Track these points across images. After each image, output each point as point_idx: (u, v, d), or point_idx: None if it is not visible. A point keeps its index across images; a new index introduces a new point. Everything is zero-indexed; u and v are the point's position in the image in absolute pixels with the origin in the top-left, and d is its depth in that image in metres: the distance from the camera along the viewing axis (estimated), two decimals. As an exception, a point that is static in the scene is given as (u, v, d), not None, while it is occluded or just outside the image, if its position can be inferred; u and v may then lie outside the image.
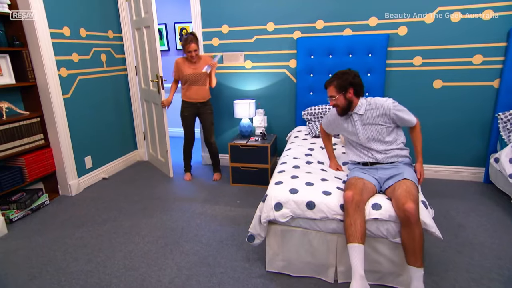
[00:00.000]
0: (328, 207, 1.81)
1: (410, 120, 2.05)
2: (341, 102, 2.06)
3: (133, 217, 2.80)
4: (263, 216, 1.90)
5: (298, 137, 3.17)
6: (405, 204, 1.65)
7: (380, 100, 2.04)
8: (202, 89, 3.33)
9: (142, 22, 3.55)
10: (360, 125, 2.09)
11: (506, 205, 2.79)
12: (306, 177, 2.11)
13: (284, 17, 3.43)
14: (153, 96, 3.68)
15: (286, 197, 1.89)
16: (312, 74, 3.43)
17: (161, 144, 3.80)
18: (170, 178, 3.66)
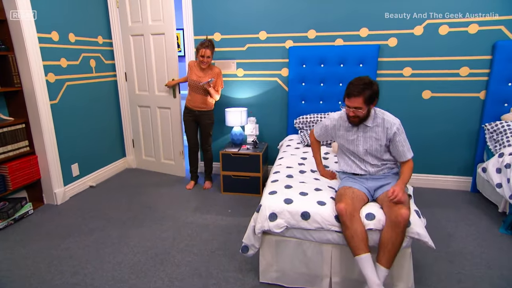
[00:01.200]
0: (322, 217, 1.81)
1: (403, 152, 1.93)
2: (364, 114, 1.91)
3: (121, 226, 2.73)
4: (257, 227, 1.88)
5: (290, 146, 3.17)
6: (401, 209, 1.67)
7: (390, 117, 1.95)
8: (204, 98, 3.28)
9: (147, 29, 3.66)
10: (362, 136, 2.00)
11: (493, 214, 2.85)
12: (300, 186, 2.11)
13: (276, 26, 3.46)
14: (158, 101, 3.85)
15: (280, 207, 1.88)
16: (304, 83, 3.45)
17: (167, 147, 3.96)
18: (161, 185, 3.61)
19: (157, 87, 3.83)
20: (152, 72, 3.80)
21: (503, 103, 3.09)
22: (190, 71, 3.27)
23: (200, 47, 3.11)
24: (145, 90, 3.90)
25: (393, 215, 1.68)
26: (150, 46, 3.71)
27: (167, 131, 3.90)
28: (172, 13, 3.50)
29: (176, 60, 3.62)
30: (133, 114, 4.07)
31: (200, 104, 3.29)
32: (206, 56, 3.11)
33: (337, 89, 3.37)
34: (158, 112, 3.89)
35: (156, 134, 3.99)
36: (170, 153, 3.97)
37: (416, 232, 1.70)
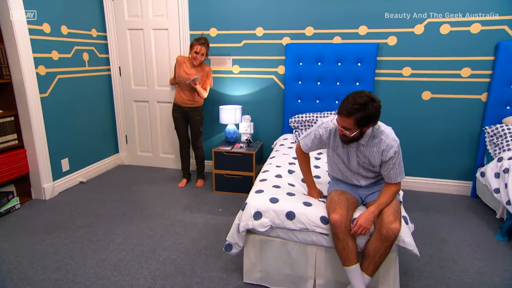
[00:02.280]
0: (308, 218, 1.83)
1: (393, 175, 1.82)
2: (354, 135, 1.74)
3: (109, 223, 2.77)
4: (241, 225, 1.91)
5: (284, 145, 3.20)
6: (392, 223, 1.67)
7: (388, 138, 1.78)
8: (192, 95, 3.32)
9: (148, 24, 3.78)
10: (355, 152, 1.88)
11: (491, 220, 2.85)
12: (287, 187, 2.13)
13: (273, 22, 3.49)
14: (157, 95, 3.99)
15: (266, 206, 1.90)
16: (301, 81, 3.47)
17: (166, 141, 4.12)
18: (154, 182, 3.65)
19: (157, 82, 3.95)
20: (152, 68, 3.90)
21: (505, 105, 3.09)
22: (179, 67, 3.28)
23: (195, 43, 3.12)
24: (143, 85, 3.98)
25: (383, 228, 1.68)
26: (150, 41, 3.82)
27: (167, 125, 4.03)
28: (176, 9, 3.63)
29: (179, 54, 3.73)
30: (128, 110, 4.13)
31: (188, 100, 3.32)
32: (201, 53, 3.13)
33: (334, 88, 3.39)
34: (158, 106, 4.00)
35: (154, 128, 4.10)
36: (169, 147, 4.11)
37: (402, 239, 1.71)
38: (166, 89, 3.92)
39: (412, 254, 2.28)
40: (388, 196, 1.82)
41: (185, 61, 3.28)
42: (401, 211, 1.82)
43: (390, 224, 1.68)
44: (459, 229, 2.71)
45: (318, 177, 2.39)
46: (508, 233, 2.56)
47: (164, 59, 3.84)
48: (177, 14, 3.65)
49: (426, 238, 2.56)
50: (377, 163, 1.84)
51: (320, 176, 2.41)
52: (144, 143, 4.21)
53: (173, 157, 4.13)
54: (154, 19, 3.74)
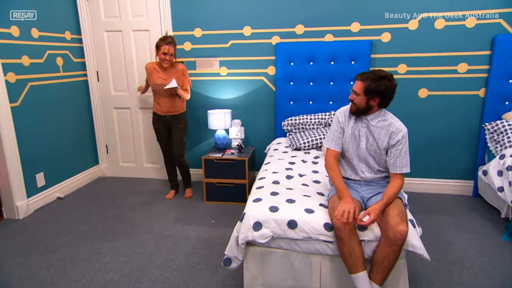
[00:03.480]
0: (311, 226, 1.83)
1: (399, 163, 1.91)
2: (359, 103, 1.93)
3: (93, 241, 2.70)
4: (240, 237, 1.89)
5: (278, 150, 3.20)
6: (399, 225, 1.69)
7: (398, 123, 1.95)
8: (172, 101, 3.24)
9: (127, 25, 3.74)
10: (364, 133, 1.99)
11: (496, 220, 2.91)
12: (286, 193, 2.13)
13: (262, 21, 3.50)
14: (139, 101, 3.95)
15: (265, 216, 1.89)
16: (292, 82, 3.49)
17: (151, 150, 4.07)
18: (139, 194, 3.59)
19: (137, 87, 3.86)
20: (133, 72, 3.86)
21: (503, 101, 3.18)
22: (151, 75, 3.18)
23: (161, 43, 3.01)
24: (124, 90, 3.94)
25: (390, 231, 1.70)
26: (130, 43, 3.78)
27: (151, 133, 3.94)
28: (158, 9, 3.60)
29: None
30: (107, 117, 4.07)
31: (170, 108, 3.24)
32: (169, 54, 3.04)
33: (327, 88, 3.43)
34: (140, 113, 3.95)
35: (137, 137, 4.05)
36: (154, 156, 4.06)
37: (410, 243, 1.73)
38: (149, 95, 3.86)
39: (421, 259, 2.31)
40: (393, 192, 1.87)
41: (155, 67, 3.19)
42: (406, 213, 1.85)
43: (396, 226, 1.69)
44: (464, 230, 2.76)
45: (317, 182, 2.40)
46: (514, 232, 2.63)
47: (145, 63, 3.77)
48: (159, 14, 3.63)
49: (431, 241, 2.59)
50: (384, 146, 1.95)
51: (320, 181, 2.41)
52: (126, 153, 4.15)
53: (159, 166, 4.08)
54: (134, 20, 3.71)
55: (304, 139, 3.18)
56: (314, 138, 3.17)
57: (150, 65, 3.22)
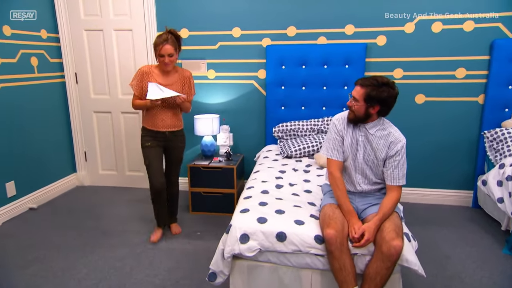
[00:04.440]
0: (301, 238, 1.84)
1: (397, 175, 1.94)
2: (358, 111, 1.93)
3: (68, 256, 2.67)
4: (226, 250, 1.89)
5: (268, 158, 3.21)
6: (393, 241, 1.70)
7: (397, 133, 1.99)
8: (175, 114, 2.79)
9: (108, 24, 3.74)
10: (362, 142, 2.01)
11: (496, 233, 2.96)
12: (276, 203, 2.14)
13: (252, 22, 3.54)
14: (122, 105, 3.92)
15: (253, 228, 1.90)
16: (284, 86, 3.53)
17: (134, 157, 4.03)
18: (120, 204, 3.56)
19: (121, 90, 3.90)
20: (114, 73, 3.86)
21: (503, 108, 3.25)
22: (147, 81, 2.67)
23: (158, 43, 2.55)
24: (104, 93, 3.93)
25: (384, 246, 1.71)
26: (112, 43, 3.79)
27: (134, 139, 3.94)
28: (141, 7, 3.62)
29: (145, 59, 3.74)
30: (86, 122, 4.05)
31: (174, 121, 2.79)
32: (168, 54, 2.57)
33: (320, 93, 3.47)
34: (122, 118, 3.94)
35: (119, 143, 4.04)
36: (137, 164, 4.02)
37: (405, 258, 1.75)
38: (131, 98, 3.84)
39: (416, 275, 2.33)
40: (390, 207, 1.88)
41: (154, 70, 2.70)
42: (402, 227, 1.87)
43: (391, 241, 1.71)
44: (463, 243, 2.79)
45: (309, 191, 2.42)
46: (514, 246, 2.66)
47: (128, 64, 3.81)
48: (143, 13, 3.64)
49: (428, 255, 2.62)
50: (382, 157, 1.97)
51: (311, 191, 2.43)
52: (106, 160, 4.12)
53: (142, 174, 4.06)
54: (116, 19, 3.71)
55: (295, 147, 3.20)
56: (306, 145, 3.20)
57: (147, 68, 2.70)
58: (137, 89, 2.71)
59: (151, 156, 2.78)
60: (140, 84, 2.69)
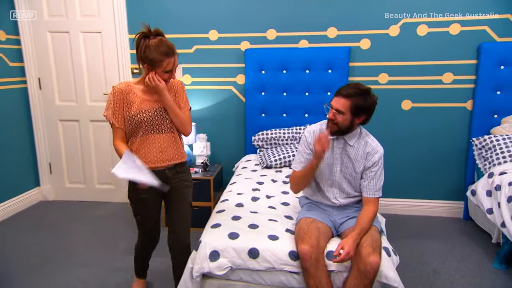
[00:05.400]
0: (274, 255, 1.84)
1: (373, 186, 1.97)
2: (343, 123, 1.91)
3: (26, 277, 2.61)
4: (195, 269, 1.88)
5: (247, 168, 3.21)
6: (370, 256, 1.72)
7: (374, 142, 2.01)
8: (174, 139, 2.11)
9: (75, 25, 3.71)
10: (340, 154, 2.03)
11: (487, 246, 2.99)
12: (250, 217, 2.14)
13: (229, 24, 3.55)
14: (90, 113, 3.88)
15: (223, 244, 1.89)
16: (264, 92, 3.54)
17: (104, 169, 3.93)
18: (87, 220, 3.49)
19: (89, 96, 3.88)
20: (82, 79, 3.83)
21: (492, 114, 3.32)
22: (128, 104, 2.01)
23: (161, 57, 1.90)
24: (71, 100, 3.90)
25: (361, 263, 1.73)
26: (79, 46, 3.77)
27: (104, 150, 3.94)
28: (111, 8, 3.61)
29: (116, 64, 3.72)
30: (51, 131, 4.00)
31: (175, 150, 2.11)
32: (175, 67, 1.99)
33: (302, 99, 3.49)
34: (91, 126, 3.91)
35: (87, 154, 4.00)
36: (108, 176, 3.96)
37: (384, 275, 1.76)
38: (101, 105, 3.83)
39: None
40: (368, 221, 1.89)
41: (134, 87, 2.04)
42: (381, 241, 1.87)
43: (367, 257, 1.72)
44: (452, 258, 2.81)
45: (286, 204, 2.42)
46: (505, 260, 2.69)
47: (97, 68, 3.78)
48: (112, 14, 3.62)
49: (414, 270, 2.63)
50: (360, 170, 2.00)
51: (289, 203, 2.43)
52: (74, 173, 4.06)
53: (113, 188, 4.01)
54: (84, 20, 3.69)
55: (275, 156, 3.21)
56: (287, 154, 3.20)
57: (124, 86, 2.02)
58: (118, 119, 2.00)
59: (145, 205, 2.14)
60: (120, 110, 2.00)
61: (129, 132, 2.04)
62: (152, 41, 1.92)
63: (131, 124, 2.01)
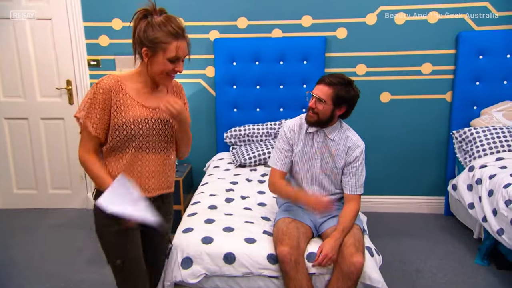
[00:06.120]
0: (252, 259, 1.86)
1: (355, 183, 2.02)
2: (323, 113, 1.95)
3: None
4: (167, 278, 1.89)
5: (219, 167, 3.22)
6: (353, 257, 1.77)
7: (355, 137, 2.08)
8: (168, 164, 1.78)
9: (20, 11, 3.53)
10: (320, 149, 2.07)
11: (469, 242, 3.13)
12: (224, 220, 2.15)
13: (197, 12, 3.53)
14: (41, 109, 3.77)
15: (197, 250, 1.90)
16: (235, 85, 3.55)
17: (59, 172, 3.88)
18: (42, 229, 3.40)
19: (39, 91, 3.76)
20: (30, 72, 3.70)
21: (472, 105, 3.47)
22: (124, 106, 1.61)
23: (168, 37, 1.57)
24: (18, 95, 3.77)
25: (344, 264, 1.77)
26: (26, 35, 3.63)
27: (58, 151, 3.84)
28: None
29: (70, 55, 3.63)
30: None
31: (167, 177, 1.80)
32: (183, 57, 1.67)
33: (277, 93, 3.53)
34: (42, 125, 3.81)
35: (38, 155, 3.88)
36: (64, 180, 3.92)
37: (368, 276, 1.82)
38: (53, 100, 3.72)
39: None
40: (350, 219, 1.94)
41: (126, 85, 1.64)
42: (363, 241, 1.93)
43: (351, 257, 1.76)
44: (434, 256, 2.93)
45: (263, 204, 2.45)
46: (487, 255, 2.82)
47: (48, 60, 3.66)
48: (64, 0, 3.50)
49: (397, 270, 2.72)
50: (341, 165, 2.05)
51: (265, 203, 2.46)
52: (23, 177, 3.93)
53: (69, 192, 3.92)
54: (30, 5, 3.54)
55: (249, 154, 3.22)
56: (262, 152, 3.23)
57: (113, 82, 1.61)
58: (97, 126, 1.59)
59: (126, 250, 1.70)
60: (103, 114, 1.59)
61: (114, 145, 1.63)
62: (157, 19, 1.60)
63: (119, 135, 1.60)
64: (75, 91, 3.72)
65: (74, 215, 3.77)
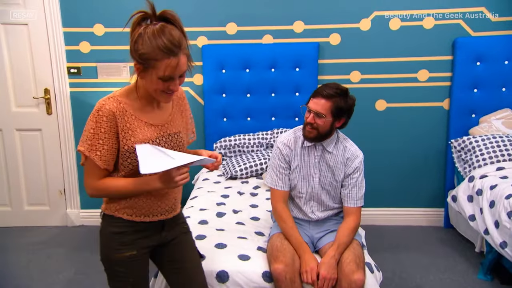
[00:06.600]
0: (246, 277, 1.83)
1: (355, 195, 2.01)
2: (323, 127, 1.93)
3: None
4: (155, 299, 1.85)
5: (209, 180, 3.20)
6: (354, 274, 1.76)
7: (353, 147, 2.07)
8: None
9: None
10: (318, 162, 2.05)
11: (470, 255, 3.14)
12: (216, 236, 2.13)
13: (184, 17, 3.37)
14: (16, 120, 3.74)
15: (187, 268, 1.86)
16: (225, 93, 3.56)
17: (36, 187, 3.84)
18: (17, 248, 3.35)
19: (14, 101, 3.71)
20: (5, 80, 3.66)
21: (470, 113, 3.52)
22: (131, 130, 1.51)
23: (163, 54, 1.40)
24: None
25: (344, 281, 1.76)
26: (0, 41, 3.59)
27: (35, 164, 3.81)
28: None
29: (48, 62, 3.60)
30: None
31: (178, 198, 1.78)
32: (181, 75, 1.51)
33: (268, 101, 3.55)
34: (18, 137, 3.77)
35: (13, 170, 3.83)
36: (41, 196, 3.87)
37: None
38: (30, 111, 3.68)
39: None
40: (348, 234, 1.93)
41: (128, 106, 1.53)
42: (363, 257, 1.93)
43: (351, 274, 1.75)
44: (435, 270, 2.94)
45: (256, 219, 2.43)
46: (490, 270, 2.83)
47: (24, 67, 3.62)
48: (42, 4, 3.48)
49: (398, 286, 2.72)
50: (341, 178, 2.03)
51: (259, 218, 2.45)
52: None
53: (47, 209, 3.86)
54: (4, 9, 3.50)
55: (240, 165, 3.21)
56: (254, 163, 3.22)
57: (115, 105, 1.48)
58: (106, 158, 1.48)
59: (133, 269, 1.66)
60: (111, 144, 1.48)
61: (126, 174, 1.53)
62: (151, 28, 1.42)
63: (132, 163, 1.50)
64: (53, 101, 3.68)
65: (53, 233, 3.71)
